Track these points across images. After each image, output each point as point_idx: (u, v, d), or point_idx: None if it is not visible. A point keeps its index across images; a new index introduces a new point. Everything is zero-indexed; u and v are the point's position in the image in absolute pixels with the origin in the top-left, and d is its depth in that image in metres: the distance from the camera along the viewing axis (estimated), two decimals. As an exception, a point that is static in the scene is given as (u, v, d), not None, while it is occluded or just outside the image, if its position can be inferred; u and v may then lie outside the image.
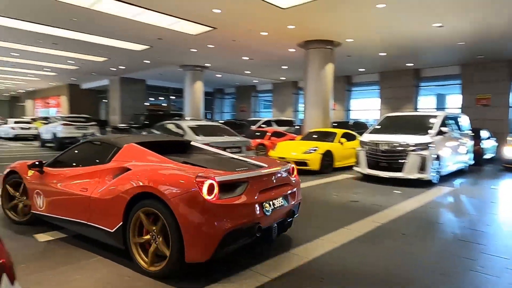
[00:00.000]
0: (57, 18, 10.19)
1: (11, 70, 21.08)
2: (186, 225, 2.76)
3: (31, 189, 4.21)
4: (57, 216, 3.87)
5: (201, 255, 2.81)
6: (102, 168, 3.62)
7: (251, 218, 3.02)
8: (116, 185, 3.27)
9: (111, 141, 4.00)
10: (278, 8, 8.91)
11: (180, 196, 2.80)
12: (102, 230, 3.32)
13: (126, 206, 3.10)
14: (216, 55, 15.06)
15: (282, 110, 24.47)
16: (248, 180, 3.11)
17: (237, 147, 7.53)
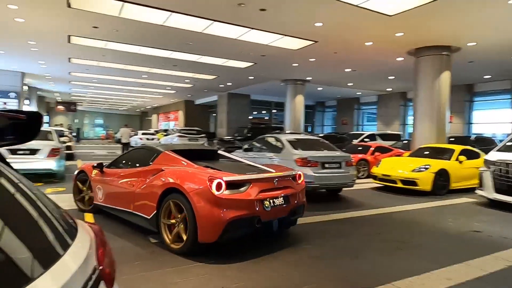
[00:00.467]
0: (176, 43, 11.60)
1: (141, 89, 24.83)
2: (200, 213, 3.59)
3: (94, 185, 5.37)
4: (111, 206, 4.94)
5: (210, 237, 3.63)
6: (145, 169, 4.59)
7: (251, 212, 3.74)
8: (152, 182, 4.23)
9: (153, 149, 4.98)
10: (384, 16, 8.38)
11: (196, 191, 3.66)
12: (142, 217, 4.28)
13: (159, 198, 4.00)
14: (317, 68, 14.98)
15: (387, 123, 22.79)
16: (250, 181, 3.86)
17: (336, 163, 7.21)
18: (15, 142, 1.18)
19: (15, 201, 1.10)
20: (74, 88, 25.15)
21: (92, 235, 1.21)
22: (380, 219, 5.86)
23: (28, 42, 11.99)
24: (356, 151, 11.78)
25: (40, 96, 28.78)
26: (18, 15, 9.17)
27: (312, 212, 6.07)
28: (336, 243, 4.45)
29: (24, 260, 0.90)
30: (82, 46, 12.38)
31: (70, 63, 15.64)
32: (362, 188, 8.94)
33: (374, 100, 24.16)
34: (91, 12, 8.79)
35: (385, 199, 7.61)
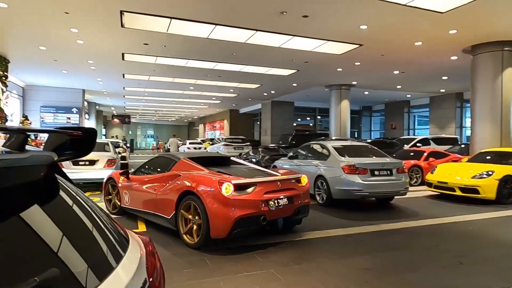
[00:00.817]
0: (220, 54, 11.92)
1: (188, 100, 25.83)
2: (211, 212, 4.07)
3: (121, 190, 5.98)
4: (136, 208, 5.51)
5: (221, 233, 4.09)
6: (164, 175, 5.11)
7: (257, 210, 4.18)
8: (171, 186, 4.73)
9: (172, 156, 5.55)
10: (435, 13, 7.92)
11: (208, 193, 4.14)
12: (163, 217, 4.78)
13: (177, 199, 4.49)
14: (363, 72, 14.52)
15: (442, 126, 21.37)
16: (256, 184, 4.31)
17: (387, 170, 6.86)
18: (72, 156, 1.26)
19: (74, 213, 1.17)
20: (128, 101, 26.84)
21: (142, 247, 1.25)
22: (438, 230, 5.45)
23: (87, 61, 13.04)
24: (408, 157, 11.16)
25: (98, 110, 31.09)
26: (79, 38, 10.02)
27: (362, 222, 5.82)
28: (388, 256, 4.20)
29: (82, 272, 0.93)
30: (135, 63, 13.19)
31: (124, 79, 16.73)
32: (415, 196, 8.42)
33: (426, 103, 22.81)
34: (142, 30, 9.35)
35: (442, 208, 7.09)
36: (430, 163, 10.57)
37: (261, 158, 13.01)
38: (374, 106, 28.29)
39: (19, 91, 17.98)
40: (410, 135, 22.70)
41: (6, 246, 0.89)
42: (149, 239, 1.39)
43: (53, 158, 1.15)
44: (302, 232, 5.12)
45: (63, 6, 7.65)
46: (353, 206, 7.19)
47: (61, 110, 19.45)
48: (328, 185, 6.99)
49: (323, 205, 7.16)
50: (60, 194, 1.16)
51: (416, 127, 25.44)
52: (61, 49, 11.34)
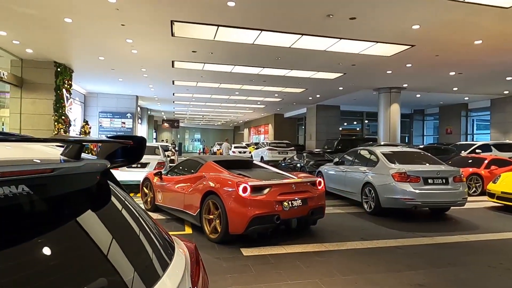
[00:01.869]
0: (265, 60, 11.98)
1: (234, 105, 26.31)
2: (230, 210, 4.49)
3: (155, 189, 6.54)
4: (167, 205, 6.02)
5: (238, 229, 4.49)
6: (192, 176, 5.61)
7: (271, 210, 4.54)
8: (197, 186, 5.19)
9: (200, 159, 6.02)
10: (498, 9, 7.28)
11: (228, 193, 4.57)
12: (190, 214, 5.27)
13: (201, 198, 4.96)
14: (415, 74, 13.76)
15: (505, 131, 19.56)
16: (271, 186, 4.68)
17: (442, 178, 6.40)
18: (124, 164, 1.31)
19: (124, 219, 1.21)
20: (177, 107, 27.99)
21: (187, 255, 1.26)
22: (502, 245, 4.96)
23: (141, 69, 13.82)
24: (465, 164, 10.35)
25: (150, 115, 32.79)
26: (134, 47, 10.65)
27: (414, 233, 5.48)
28: (444, 271, 3.89)
29: (131, 280, 0.95)
30: (184, 69, 13.72)
31: (174, 85, 17.48)
32: (475, 207, 7.77)
33: (487, 106, 21.04)
34: (190, 39, 9.70)
35: (506, 222, 6.45)
36: (492, 171, 9.71)
37: (305, 163, 12.83)
38: (427, 109, 26.70)
39: (81, 98, 19.54)
40: (468, 141, 21.08)
41: (62, 250, 0.94)
42: (195, 247, 1.40)
43: (106, 165, 1.20)
44: (349, 242, 4.94)
45: (119, 19, 8.19)
46: (404, 216, 6.80)
47: (117, 115, 20.78)
48: (376, 193, 6.69)
49: (371, 213, 6.86)
50: (111, 200, 1.21)
51: (474, 132, 23.56)
52: (117, 59, 12.14)
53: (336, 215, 6.79)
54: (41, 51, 11.29)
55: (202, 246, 4.63)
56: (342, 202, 8.16)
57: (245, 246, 4.57)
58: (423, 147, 13.76)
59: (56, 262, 0.88)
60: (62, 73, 12.79)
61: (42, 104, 12.50)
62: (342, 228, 5.73)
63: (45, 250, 0.87)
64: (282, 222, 4.67)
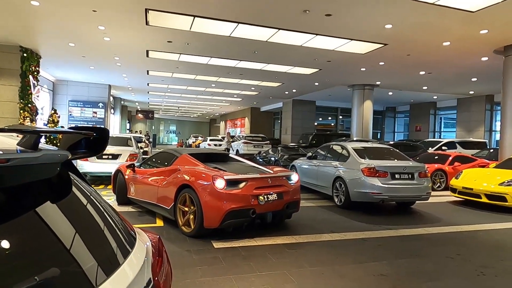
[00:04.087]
0: (242, 53, 11.94)
1: (210, 98, 26.08)
2: (205, 204, 4.44)
3: (127, 182, 6.32)
4: (140, 199, 5.88)
5: (213, 223, 4.46)
6: (166, 169, 5.49)
7: (247, 204, 4.53)
8: (171, 180, 5.09)
9: (175, 152, 5.89)
10: (465, 13, 7.61)
11: (203, 186, 4.52)
12: (163, 208, 5.17)
13: (176, 192, 4.87)
14: (387, 72, 14.17)
15: (469, 129, 20.58)
16: (247, 180, 4.66)
17: (408, 173, 6.68)
18: (86, 155, 1.29)
19: (85, 210, 1.20)
20: (152, 97, 27.40)
21: (149, 246, 1.27)
22: (461, 238, 5.26)
23: (113, 58, 13.40)
24: (432, 160, 10.82)
25: (123, 105, 31.92)
26: (106, 35, 10.29)
27: (380, 226, 5.70)
28: (406, 263, 4.09)
29: (90, 268, 0.96)
30: (159, 59, 13.43)
31: (148, 75, 17.08)
32: (438, 202, 8.17)
33: (453, 105, 22.02)
34: (166, 28, 9.50)
35: (466, 216, 6.84)
36: (455, 167, 10.21)
37: (280, 157, 12.96)
38: (399, 107, 27.58)
39: (50, 86, 18.71)
40: (435, 138, 22.03)
41: (18, 241, 0.92)
42: (158, 238, 1.41)
43: (66, 156, 1.18)
44: (319, 234, 5.07)
45: (91, 4, 7.88)
46: (372, 209, 7.05)
47: (88, 104, 20.09)
48: (346, 187, 6.89)
49: (341, 207, 7.06)
50: (73, 191, 1.20)
51: (442, 129, 24.63)
52: (89, 46, 11.70)
53: (308, 208, 6.94)
54: (6, 34, 10.70)
55: (173, 239, 4.62)
56: (314, 196, 8.34)
57: (217, 239, 4.59)
58: (393, 144, 14.25)
59: (11, 252, 0.87)
60: (29, 58, 12.18)
61: (7, 90, 11.88)
62: (313, 221, 5.87)
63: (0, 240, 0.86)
64: (257, 216, 4.67)
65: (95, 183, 9.08)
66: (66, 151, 1.20)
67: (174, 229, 4.99)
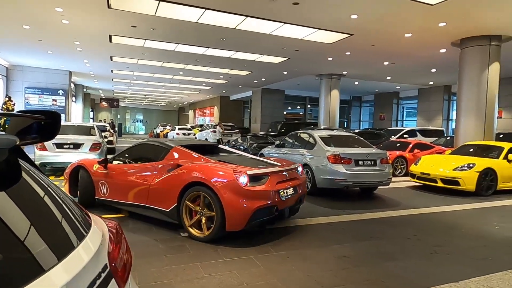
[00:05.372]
0: (210, 40, 11.74)
1: (178, 86, 25.52)
2: (227, 204, 3.87)
3: (96, 180, 5.25)
4: (119, 200, 5.00)
5: (238, 226, 3.96)
6: (157, 164, 4.71)
7: (272, 201, 4.11)
8: (171, 177, 4.40)
9: (162, 144, 5.08)
10: (425, 5, 7.92)
11: (223, 184, 3.94)
12: (159, 210, 4.47)
13: (180, 192, 4.21)
14: (353, 62, 14.52)
15: (429, 118, 21.67)
16: (268, 174, 4.24)
17: (371, 160, 6.95)
18: (37, 140, 1.23)
19: (36, 196, 1.15)
20: (116, 85, 26.37)
21: (105, 231, 1.24)
22: (418, 220, 5.58)
23: (73, 42, 12.70)
24: (394, 148, 11.31)
25: (85, 93, 30.50)
26: (64, 17, 9.72)
27: (344, 211, 5.91)
28: (367, 244, 4.29)
29: (40, 253, 0.93)
30: (122, 45, 12.91)
31: (112, 62, 16.39)
32: (399, 187, 8.58)
33: (415, 95, 23.05)
34: (129, 12, 9.12)
35: (423, 199, 7.25)
36: (414, 154, 10.74)
37: (249, 146, 13.02)
38: (364, 96, 28.45)
39: (3, 71, 17.49)
40: (398, 126, 22.99)
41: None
42: (117, 225, 1.38)
43: (15, 141, 1.12)
44: (284, 220, 5.18)
45: (46, -17, 7.40)
46: (337, 195, 7.29)
47: (47, 92, 19.01)
48: (313, 174, 7.06)
49: (308, 193, 7.19)
50: (23, 178, 1.14)
51: (404, 118, 25.74)
52: (45, 29, 11.01)
53: (276, 195, 7.05)
54: (-50, 14, 9.83)
55: (138, 229, 4.54)
56: (282, 183, 8.47)
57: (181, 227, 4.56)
58: (359, 132, 14.74)
59: None
60: (-22, 41, 11.29)
61: (-47, 75, 10.97)
62: (280, 208, 5.98)
63: None
64: (278, 213, 4.28)
65: (55, 174, 8.68)
66: (14, 136, 1.14)
67: (139, 220, 4.89)
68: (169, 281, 3.06)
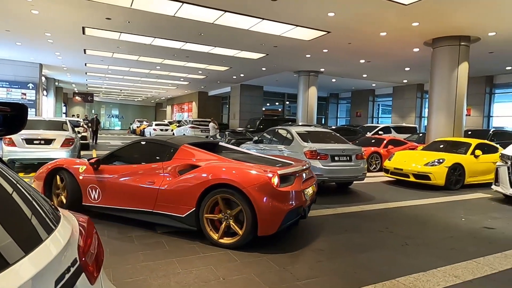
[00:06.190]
0: (188, 34, 11.59)
1: (155, 80, 25.05)
2: (260, 206, 3.61)
3: (83, 184, 4.61)
4: (116, 207, 4.46)
5: (271, 230, 3.73)
6: (165, 165, 4.28)
7: (300, 201, 3.94)
8: (188, 179, 3.99)
9: (166, 142, 4.63)
10: (399, 5, 8.13)
11: (254, 185, 3.66)
12: (172, 216, 4.05)
13: (200, 195, 3.84)
14: (330, 59, 14.73)
15: (403, 115, 22.35)
16: (295, 174, 4.04)
17: (346, 155, 7.11)
18: (1, 133, 1.19)
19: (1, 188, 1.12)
20: (90, 79, 25.58)
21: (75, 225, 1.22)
22: (390, 213, 5.77)
23: (44, 33, 12.20)
24: (369, 144, 11.60)
25: (57, 87, 29.41)
26: (34, 7, 9.31)
27: (320, 206, 6.02)
28: (343, 238, 4.41)
29: (6, 245, 0.91)
30: (97, 38, 12.52)
31: (86, 55, 15.87)
32: (373, 182, 8.82)
33: (390, 92, 23.69)
34: (103, 4, 8.85)
35: (396, 193, 7.49)
36: (389, 150, 11.06)
37: (227, 142, 12.99)
38: (341, 93, 28.95)
39: (-33, 63, 16.59)
40: (373, 123, 23.58)
41: None
42: (88, 219, 1.36)
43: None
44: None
45: (14, -29, 7.06)
46: (314, 190, 7.41)
47: (15, 85, 18.20)
48: (290, 170, 7.13)
49: (285, 189, 7.31)
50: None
51: (380, 115, 26.41)
52: (14, 19, 10.52)
53: (253, 191, 7.08)
54: None
55: (112, 226, 4.46)
56: (260, 179, 8.52)
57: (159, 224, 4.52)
58: (335, 128, 15.01)
59: None
60: None
61: None
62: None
63: None
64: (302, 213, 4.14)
65: (25, 171, 8.36)
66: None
67: (113, 217, 4.80)
68: (145, 277, 3.03)
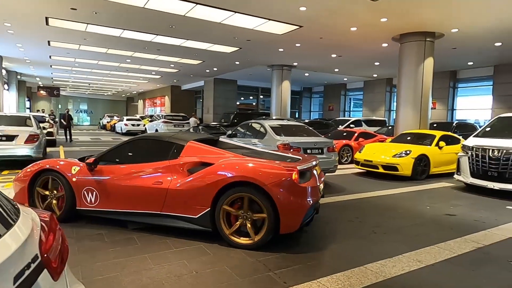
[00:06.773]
0: (158, 26, 11.32)
1: (126, 74, 24.33)
2: (282, 204, 3.51)
3: (77, 187, 4.24)
4: (116, 210, 4.13)
5: (293, 227, 3.64)
6: (172, 163, 4.05)
7: (317, 197, 3.89)
8: (202, 178, 3.79)
9: (172, 139, 4.34)
10: (368, 1, 8.33)
11: (275, 182, 3.53)
12: (183, 218, 3.84)
13: (216, 193, 3.67)
14: (303, 53, 14.89)
15: (373, 109, 23.01)
16: (311, 169, 3.96)
17: (318, 148, 7.26)
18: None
19: None
20: (56, 72, 24.46)
21: (37, 221, 1.19)
22: (360, 203, 5.97)
23: (3, 24, 11.53)
24: (340, 137, 11.87)
25: (20, 80, 27.92)
26: (-9, -5, 8.78)
27: (293, 198, 6.12)
28: (313, 228, 4.51)
29: None
30: (61, 29, 11.98)
31: (50, 47, 15.16)
32: (344, 174, 9.06)
33: (361, 86, 24.29)
34: (68, -7, 8.48)
35: (366, 184, 7.74)
36: (359, 143, 11.37)
37: (201, 136, 12.89)
38: (314, 87, 29.36)
39: None
40: (345, 117, 24.13)
41: None
42: (50, 215, 1.32)
43: None
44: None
45: (-33, -44, 6.60)
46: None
47: (-27, 78, 17.11)
48: (264, 163, 7.18)
49: (259, 182, 7.36)
50: None
51: (351, 109, 27.05)
52: (-32, 7, 9.86)
53: (227, 185, 7.09)
54: None
55: (81, 223, 4.33)
56: (234, 173, 8.53)
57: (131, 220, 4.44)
58: (308, 122, 15.22)
59: None
60: None
61: None
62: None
63: None
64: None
65: (-14, 169, 7.92)
66: None
67: (82, 214, 4.66)
68: (116, 274, 2.98)
